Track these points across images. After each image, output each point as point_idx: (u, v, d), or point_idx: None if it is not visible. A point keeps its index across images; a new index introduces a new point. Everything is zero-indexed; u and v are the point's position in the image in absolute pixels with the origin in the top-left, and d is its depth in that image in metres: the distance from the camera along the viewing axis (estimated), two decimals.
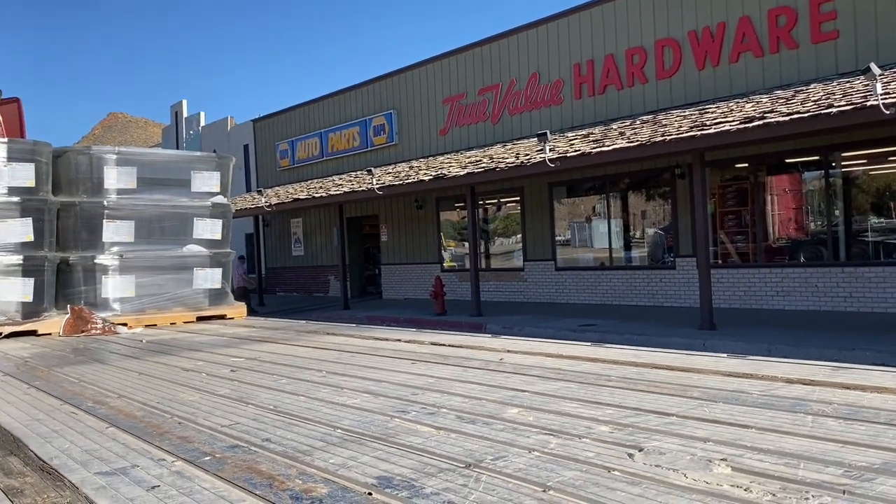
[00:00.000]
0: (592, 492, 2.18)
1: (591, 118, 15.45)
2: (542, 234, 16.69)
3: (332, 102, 23.92)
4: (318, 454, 2.72)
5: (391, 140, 21.29)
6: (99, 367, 5.49)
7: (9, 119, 10.49)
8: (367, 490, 2.28)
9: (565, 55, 16.07)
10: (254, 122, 28.17)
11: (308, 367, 4.94)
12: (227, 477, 2.48)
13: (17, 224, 7.65)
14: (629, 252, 15.33)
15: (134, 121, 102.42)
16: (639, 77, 14.63)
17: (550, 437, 2.80)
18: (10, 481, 2.56)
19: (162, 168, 8.80)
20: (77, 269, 8.14)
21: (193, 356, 5.79)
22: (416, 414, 3.31)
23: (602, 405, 3.30)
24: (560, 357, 4.68)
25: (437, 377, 4.21)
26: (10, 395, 4.39)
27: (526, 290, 17.00)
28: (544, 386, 3.79)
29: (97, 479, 2.54)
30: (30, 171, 7.77)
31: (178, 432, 3.19)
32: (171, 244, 8.63)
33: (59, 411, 3.82)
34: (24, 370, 5.41)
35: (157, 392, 4.26)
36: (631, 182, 15.15)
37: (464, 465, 2.49)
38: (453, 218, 19.53)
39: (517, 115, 17.29)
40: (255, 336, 7.10)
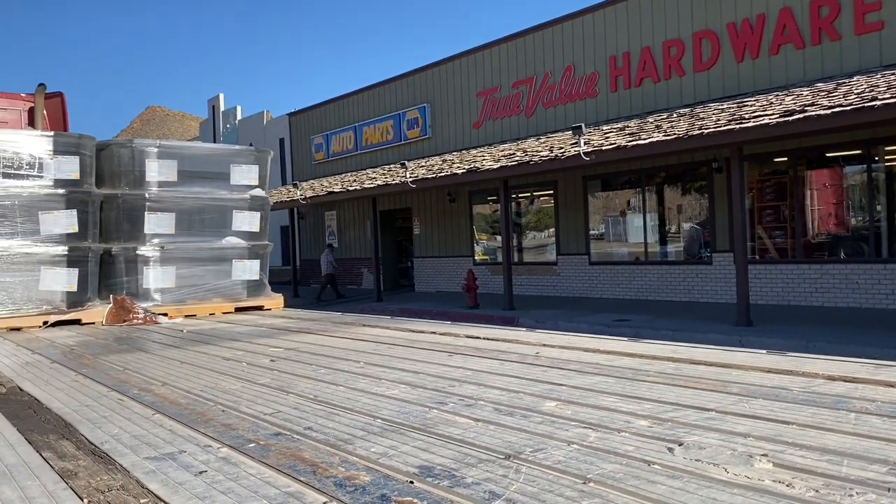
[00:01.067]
0: (633, 484, 2.19)
1: (626, 111, 15.32)
2: (576, 228, 16.62)
3: (366, 96, 24.04)
4: (359, 443, 2.77)
5: (424, 133, 21.33)
6: (142, 355, 5.62)
7: (53, 113, 10.73)
8: (408, 479, 2.32)
9: (601, 48, 15.94)
10: (289, 115, 28.44)
11: (346, 357, 5.00)
12: (272, 463, 2.54)
13: (63, 215, 7.84)
14: (664, 247, 15.19)
15: (172, 114, 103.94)
16: (676, 70, 14.46)
17: (589, 430, 2.82)
18: (65, 464, 2.65)
19: (202, 161, 8.94)
20: (119, 260, 8.32)
21: (233, 346, 5.89)
22: (455, 405, 3.35)
23: (640, 400, 3.30)
24: (597, 352, 4.67)
25: (474, 370, 4.24)
26: (60, 381, 4.52)
27: (559, 284, 16.94)
28: (582, 380, 3.80)
29: (147, 463, 2.62)
30: (75, 163, 7.96)
31: (222, 420, 3.27)
32: (211, 236, 8.77)
33: (106, 398, 3.92)
34: (71, 358, 5.56)
35: (199, 380, 4.35)
36: (667, 176, 15.00)
37: (503, 457, 2.51)
38: (486, 211, 19.53)
39: (551, 109, 17.21)
40: (293, 327, 7.19)
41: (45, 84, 10.27)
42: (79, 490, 2.34)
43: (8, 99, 10.51)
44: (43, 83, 10.22)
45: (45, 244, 7.71)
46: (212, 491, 2.28)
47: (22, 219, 7.62)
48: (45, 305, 7.71)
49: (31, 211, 7.66)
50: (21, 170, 7.67)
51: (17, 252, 7.54)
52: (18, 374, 4.85)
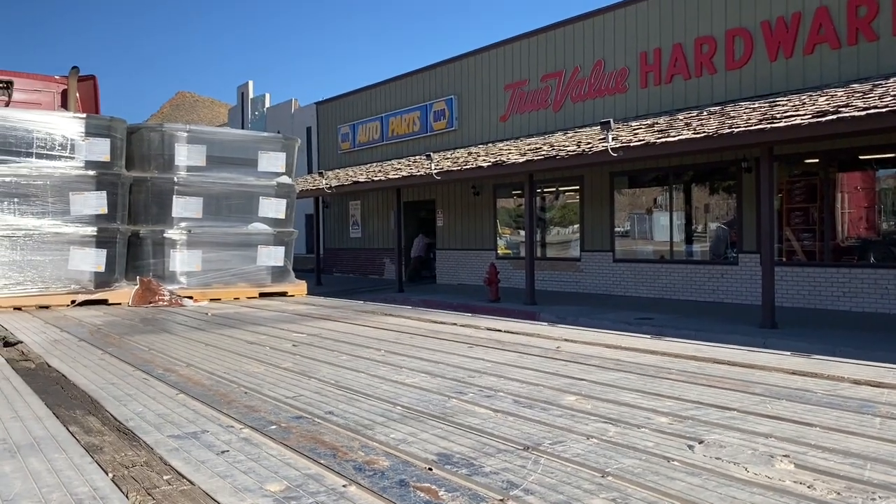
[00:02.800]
0: (652, 480, 2.19)
1: (656, 108, 15.20)
2: (601, 224, 16.53)
3: (393, 87, 24.07)
4: (379, 429, 2.79)
5: (451, 125, 21.32)
6: (167, 336, 5.70)
7: (85, 96, 10.87)
8: (427, 465, 2.34)
9: (632, 43, 15.81)
10: (317, 104, 28.56)
11: (367, 345, 5.03)
12: (293, 445, 2.57)
13: (93, 196, 7.95)
14: (690, 246, 15.06)
15: (201, 100, 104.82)
16: (707, 67, 14.31)
17: (609, 425, 2.81)
18: (91, 439, 2.70)
19: (230, 147, 9.02)
20: (147, 242, 8.43)
21: (257, 330, 5.95)
22: (474, 396, 3.36)
23: (661, 397, 3.29)
24: (618, 348, 4.66)
25: (494, 362, 4.25)
26: (87, 359, 4.60)
27: (581, 280, 16.88)
28: (602, 375, 3.79)
29: (170, 441, 2.66)
30: (105, 146, 8.06)
31: (244, 401, 3.31)
32: (237, 221, 8.86)
33: (131, 377, 3.99)
34: (98, 337, 5.65)
35: (223, 363, 4.40)
36: (695, 174, 14.86)
37: (522, 448, 2.52)
38: (510, 205, 19.49)
39: (580, 103, 17.11)
40: (315, 313, 7.25)
41: (79, 67, 10.41)
42: (104, 464, 2.39)
43: (42, 81, 10.67)
44: (76, 66, 10.36)
45: (75, 224, 7.83)
46: (233, 470, 2.32)
47: (53, 199, 7.74)
48: (73, 285, 7.83)
49: (62, 191, 7.78)
50: (53, 150, 7.79)
51: (47, 231, 7.67)
52: (47, 350, 4.94)
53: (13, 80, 10.25)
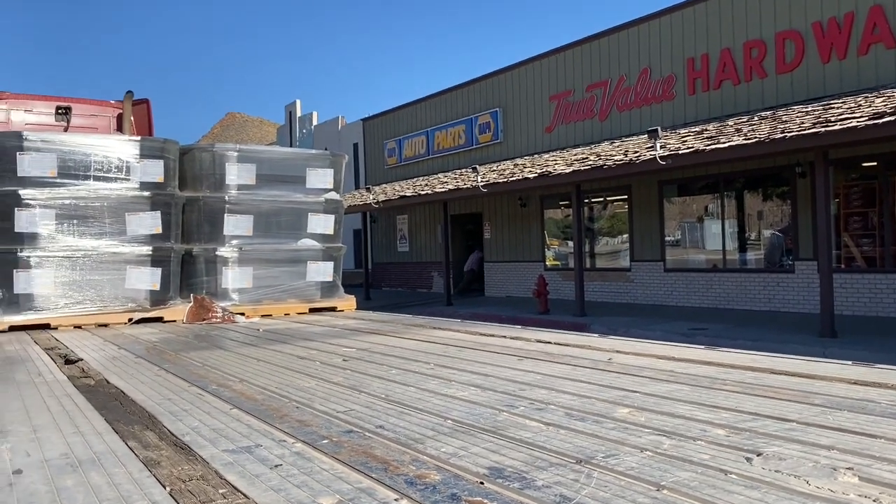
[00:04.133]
0: (708, 493, 2.13)
1: (704, 114, 14.97)
2: (651, 233, 16.31)
3: (438, 101, 24.22)
4: (429, 442, 2.79)
5: (496, 138, 21.34)
6: (220, 352, 5.80)
7: (139, 119, 11.21)
8: (478, 479, 2.32)
9: (678, 49, 15.62)
10: (363, 121, 28.90)
11: (416, 359, 5.04)
12: (345, 460, 2.59)
13: (148, 217, 8.17)
14: (744, 254, 14.74)
15: (250, 120, 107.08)
16: (757, 71, 14.04)
17: (663, 437, 2.76)
18: (149, 453, 2.76)
19: (279, 165, 9.18)
20: (200, 260, 8.62)
21: (307, 345, 6.02)
22: (525, 409, 3.33)
23: (717, 409, 3.21)
24: (672, 359, 4.57)
25: (545, 374, 4.21)
26: (143, 375, 4.72)
27: (632, 291, 16.65)
28: (656, 387, 3.72)
29: (225, 455, 2.70)
30: (159, 167, 8.29)
31: (296, 416, 3.34)
32: (287, 238, 8.99)
33: (187, 392, 4.07)
34: (154, 354, 5.79)
35: (274, 378, 4.46)
36: (747, 181, 14.57)
37: (574, 461, 2.48)
38: (557, 216, 19.37)
39: (626, 112, 16.96)
40: (364, 328, 7.30)
41: (133, 91, 10.75)
42: (162, 478, 2.44)
43: (99, 106, 11.05)
44: (130, 90, 10.71)
45: (131, 244, 8.04)
46: (286, 484, 2.34)
47: (110, 220, 7.97)
48: (130, 303, 8.04)
49: (119, 212, 8.01)
50: (110, 173, 8.04)
51: (105, 252, 7.90)
52: (106, 367, 5.08)
53: (71, 106, 10.64)
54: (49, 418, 3.47)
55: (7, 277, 7.48)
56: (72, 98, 10.90)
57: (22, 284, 7.52)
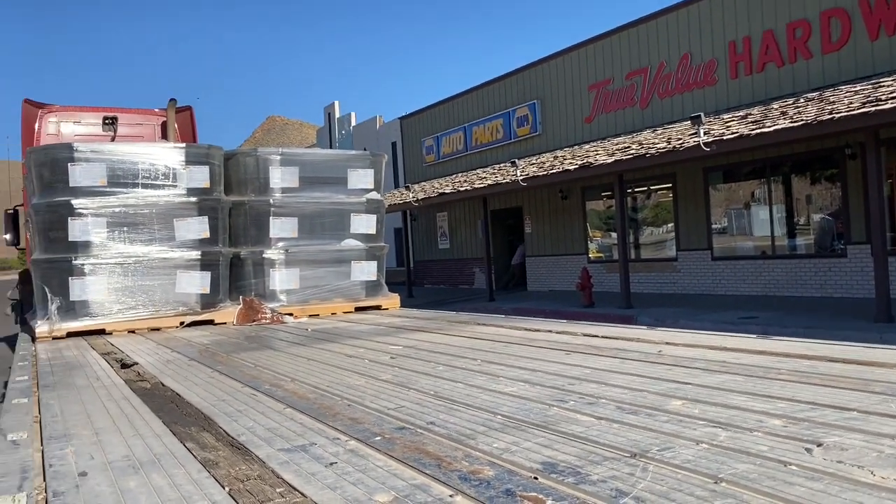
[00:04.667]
0: (768, 485, 2.09)
1: (748, 98, 14.66)
2: (697, 222, 16.05)
3: (475, 96, 24.18)
4: (481, 438, 2.79)
5: (535, 130, 21.22)
6: (271, 353, 5.89)
7: (183, 126, 11.44)
8: (532, 474, 2.32)
9: (719, 33, 15.33)
10: (401, 119, 29.01)
11: (463, 355, 5.05)
12: (398, 456, 2.61)
13: (195, 222, 8.32)
14: (793, 240, 14.41)
15: (290, 123, 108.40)
16: (802, 52, 13.70)
17: (719, 429, 2.71)
18: (206, 454, 2.82)
19: (321, 167, 9.27)
20: (247, 263, 8.76)
21: (355, 343, 6.08)
22: (575, 403, 3.31)
23: (773, 399, 3.15)
24: (723, 349, 4.49)
25: (593, 368, 4.18)
26: (197, 377, 4.82)
27: (679, 281, 16.42)
28: (708, 378, 3.66)
29: (281, 454, 2.75)
30: (205, 173, 8.43)
31: (348, 414, 3.38)
32: (331, 239, 9.08)
33: (240, 393, 4.14)
34: (207, 356, 5.90)
35: (325, 376, 4.52)
36: (794, 164, 14.23)
37: (629, 455, 2.46)
38: (600, 208, 19.19)
39: (667, 99, 16.71)
40: (409, 325, 7.34)
41: (176, 99, 10.96)
42: (220, 478, 2.49)
43: (143, 115, 11.31)
44: (174, 98, 10.92)
45: (180, 249, 8.20)
46: (342, 482, 2.37)
47: (159, 226, 8.14)
48: (181, 307, 8.21)
49: (167, 218, 8.17)
50: (157, 180, 8.21)
51: (155, 257, 8.07)
52: (160, 370, 5.20)
53: (117, 116, 10.91)
54: (109, 421, 3.57)
55: (63, 285, 7.70)
56: (117, 108, 11.16)
57: (77, 292, 7.73)
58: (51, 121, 10.55)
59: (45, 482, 2.60)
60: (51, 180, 7.85)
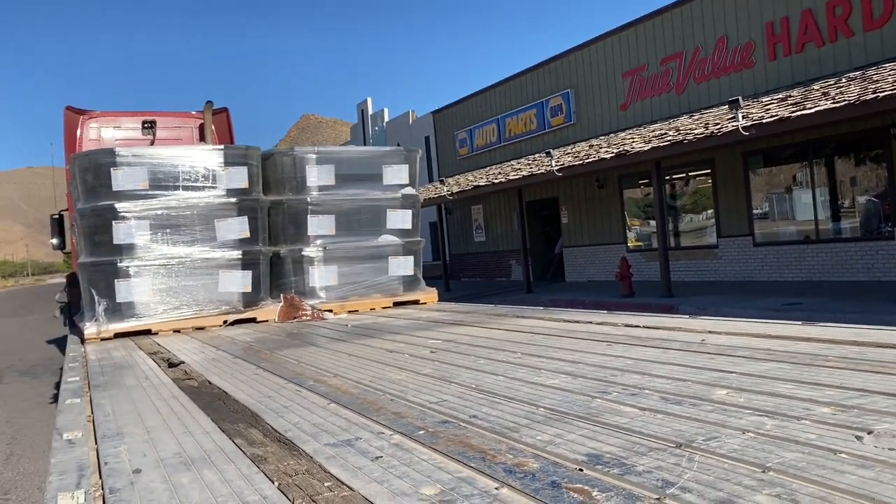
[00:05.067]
0: (818, 474, 2.07)
1: (787, 80, 14.36)
2: (737, 207, 15.79)
3: (507, 88, 24.08)
4: (524, 431, 2.80)
5: (569, 120, 21.06)
6: (313, 349, 5.97)
7: (220, 128, 11.60)
8: (577, 466, 2.32)
9: (756, 15, 15.03)
10: (433, 113, 29.03)
11: (503, 348, 5.05)
12: (442, 450, 2.63)
13: (235, 222, 8.46)
14: (838, 223, 14.09)
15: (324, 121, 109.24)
16: (842, 30, 13.36)
17: (765, 418, 2.68)
18: (255, 450, 2.88)
19: (356, 164, 9.34)
20: (287, 261, 8.87)
21: (395, 338, 6.12)
22: (618, 395, 3.30)
23: (820, 386, 3.09)
24: (768, 337, 4.43)
25: (635, 359, 4.15)
26: (243, 374, 4.91)
27: (720, 268, 16.18)
28: (753, 367, 3.61)
29: (327, 449, 2.79)
30: (243, 173, 8.55)
31: (391, 408, 3.41)
32: (367, 235, 9.15)
33: (285, 389, 4.21)
34: (251, 353, 6.01)
35: (367, 371, 4.57)
36: (837, 146, 13.90)
37: (674, 445, 2.45)
38: (637, 196, 18.99)
39: (704, 84, 16.45)
40: (448, 319, 7.36)
41: (212, 101, 11.12)
42: (269, 474, 2.54)
43: (181, 118, 11.50)
44: (210, 101, 11.08)
45: (222, 249, 8.34)
46: (388, 475, 2.40)
47: (200, 227, 8.29)
48: (223, 306, 8.35)
49: (208, 219, 8.32)
50: (197, 182, 8.35)
51: (197, 258, 8.22)
52: (206, 368, 5.30)
53: (156, 120, 11.11)
54: (160, 419, 3.66)
55: (110, 287, 7.89)
56: (155, 112, 11.37)
57: (123, 293, 7.91)
58: (92, 126, 10.78)
59: (102, 479, 2.68)
60: (94, 185, 8.04)
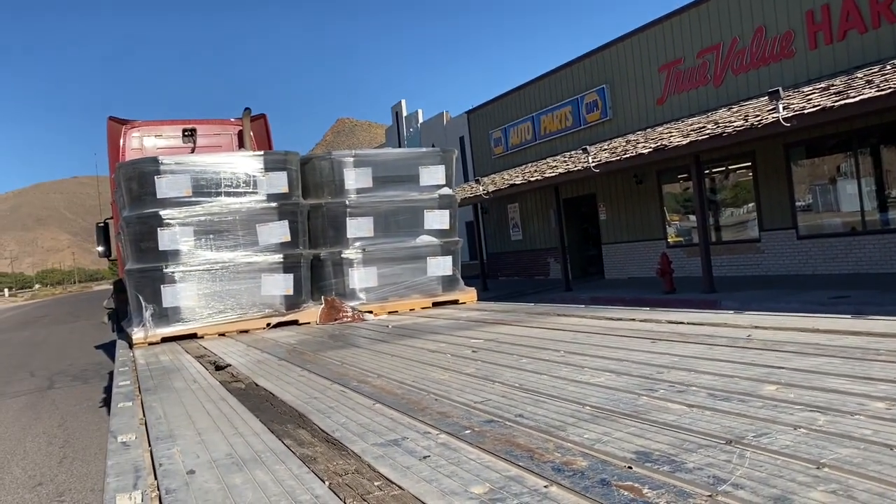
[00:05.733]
0: (875, 469, 2.03)
1: (829, 69, 14.05)
2: (780, 200, 15.49)
3: (542, 85, 23.97)
4: (571, 429, 2.80)
5: (605, 115, 20.90)
6: (355, 350, 6.03)
7: (258, 134, 11.77)
8: (626, 464, 2.31)
9: (795, 3, 14.73)
10: (467, 113, 29.02)
11: (545, 347, 5.04)
12: (489, 449, 2.64)
13: (277, 226, 8.58)
14: (885, 214, 13.74)
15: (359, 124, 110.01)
16: (886, 16, 13.03)
17: (817, 413, 2.64)
18: (304, 450, 2.93)
19: (392, 166, 9.40)
20: (327, 264, 8.97)
21: (436, 339, 6.15)
22: (665, 392, 3.27)
23: (873, 381, 3.03)
24: (816, 331, 4.34)
25: (681, 355, 4.11)
26: (288, 376, 4.98)
27: (762, 262, 15.90)
28: (802, 362, 3.55)
29: (375, 449, 2.82)
30: (283, 178, 8.67)
31: (436, 408, 3.44)
32: (406, 236, 9.20)
33: (330, 390, 4.27)
34: (295, 355, 6.09)
35: (410, 372, 4.60)
36: (883, 135, 13.56)
37: (724, 442, 2.43)
38: (676, 190, 18.76)
39: (742, 75, 16.19)
40: (488, 319, 7.36)
41: (251, 108, 11.29)
42: (320, 473, 2.58)
43: (220, 125, 11.70)
44: (248, 108, 11.25)
45: (263, 253, 8.47)
46: (437, 474, 2.42)
47: (242, 232, 8.43)
48: (266, 309, 8.48)
49: (249, 224, 8.45)
50: (238, 188, 8.49)
51: (240, 262, 8.36)
52: (253, 371, 5.39)
53: (196, 128, 11.32)
54: (210, 421, 3.73)
55: (156, 293, 8.06)
56: (195, 120, 11.58)
57: (169, 298, 8.08)
58: (134, 136, 11.03)
59: (157, 480, 2.75)
60: (139, 193, 8.22)
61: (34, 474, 8.66)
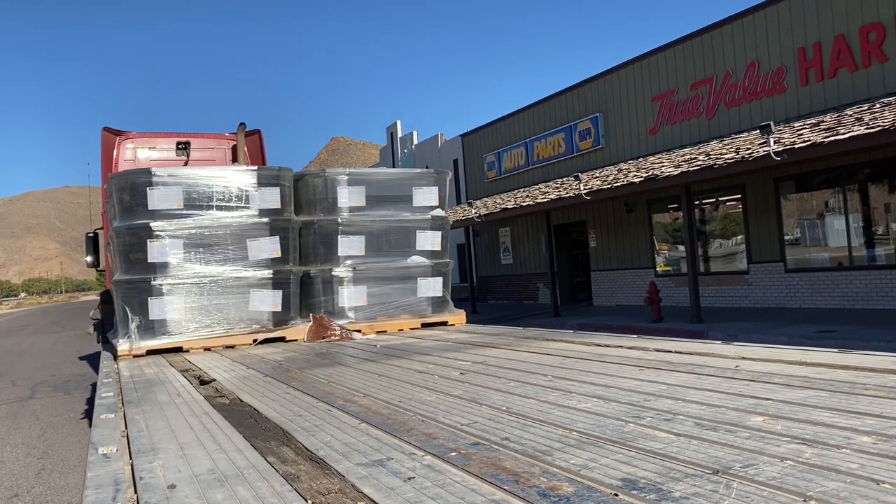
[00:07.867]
0: None
1: (820, 105, 14.24)
2: (769, 233, 15.62)
3: (536, 111, 24.16)
4: (557, 454, 2.78)
5: (597, 144, 21.06)
6: (342, 369, 5.99)
7: (253, 149, 11.78)
8: (612, 491, 2.30)
9: (787, 40, 14.96)
10: (462, 136, 29.19)
11: (533, 371, 5.03)
12: (475, 472, 2.62)
13: (267, 242, 8.54)
14: (872, 250, 13.86)
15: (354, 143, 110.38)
16: (876, 56, 13.25)
17: (804, 446, 2.64)
18: (287, 468, 2.90)
19: (386, 185, 9.41)
20: (317, 281, 8.94)
21: (424, 359, 6.12)
22: (652, 420, 3.26)
23: (860, 415, 3.04)
24: (803, 364, 4.36)
25: (669, 384, 4.11)
26: (273, 393, 4.93)
27: (750, 294, 15.98)
28: (790, 394, 3.56)
29: (359, 469, 2.80)
30: (276, 194, 8.66)
31: (422, 429, 3.41)
32: (397, 256, 9.19)
33: (315, 408, 4.23)
34: (281, 372, 6.04)
35: (397, 392, 4.57)
36: (872, 172, 13.73)
37: (711, 472, 2.42)
38: (666, 220, 18.88)
39: (734, 108, 16.38)
40: (477, 341, 7.34)
41: (245, 123, 11.30)
42: (303, 492, 2.55)
43: (214, 139, 11.70)
44: (243, 123, 11.27)
45: (253, 269, 8.42)
46: (422, 496, 2.39)
47: (232, 246, 8.39)
48: (254, 325, 8.42)
49: (240, 239, 8.41)
50: (230, 202, 8.47)
51: (229, 277, 8.31)
52: (237, 387, 5.34)
53: (190, 141, 11.32)
54: (192, 436, 3.69)
55: (143, 305, 7.99)
56: (189, 133, 11.58)
57: (156, 311, 8.01)
58: (128, 147, 11.01)
59: (137, 494, 2.71)
60: (130, 204, 8.19)
61: (11, 485, 8.52)
